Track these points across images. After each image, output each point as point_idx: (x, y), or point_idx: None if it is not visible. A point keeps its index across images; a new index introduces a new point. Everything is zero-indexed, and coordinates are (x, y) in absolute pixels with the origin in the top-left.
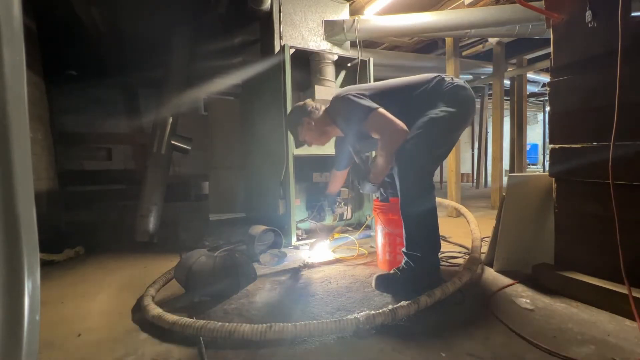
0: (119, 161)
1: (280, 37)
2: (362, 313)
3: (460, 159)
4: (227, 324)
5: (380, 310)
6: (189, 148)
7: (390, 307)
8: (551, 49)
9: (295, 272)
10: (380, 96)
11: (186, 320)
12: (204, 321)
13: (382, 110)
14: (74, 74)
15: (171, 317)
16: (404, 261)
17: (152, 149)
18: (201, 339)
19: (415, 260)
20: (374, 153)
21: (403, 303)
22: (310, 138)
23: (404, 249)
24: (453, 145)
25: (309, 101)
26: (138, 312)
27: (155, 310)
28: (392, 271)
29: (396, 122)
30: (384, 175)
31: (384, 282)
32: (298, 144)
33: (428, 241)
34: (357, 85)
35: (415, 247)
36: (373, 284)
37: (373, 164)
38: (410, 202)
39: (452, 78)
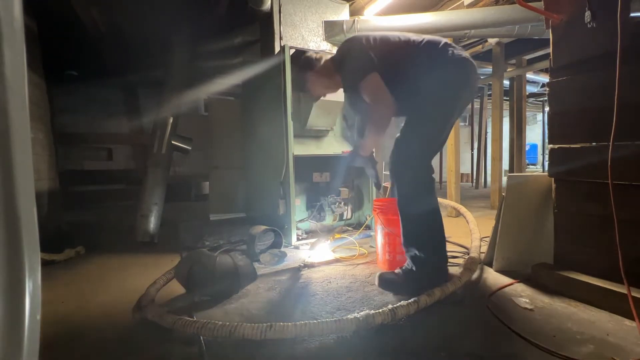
0: (119, 161)
1: (281, 38)
2: (362, 313)
3: (460, 159)
4: (228, 323)
5: (380, 310)
6: (189, 148)
7: (390, 306)
8: (550, 50)
9: (296, 272)
10: (384, 58)
11: (186, 320)
12: (204, 321)
13: (376, 77)
14: (74, 74)
15: (171, 317)
16: (407, 261)
17: (152, 149)
18: (201, 338)
19: (417, 261)
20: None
21: (403, 302)
22: (313, 88)
23: (403, 248)
24: (450, 128)
25: (310, 52)
26: (138, 312)
27: (155, 310)
28: (396, 270)
29: (385, 98)
30: (372, 148)
31: (387, 281)
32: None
33: (430, 242)
34: (368, 35)
35: (413, 247)
36: (376, 282)
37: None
38: (407, 202)
39: (457, 48)
